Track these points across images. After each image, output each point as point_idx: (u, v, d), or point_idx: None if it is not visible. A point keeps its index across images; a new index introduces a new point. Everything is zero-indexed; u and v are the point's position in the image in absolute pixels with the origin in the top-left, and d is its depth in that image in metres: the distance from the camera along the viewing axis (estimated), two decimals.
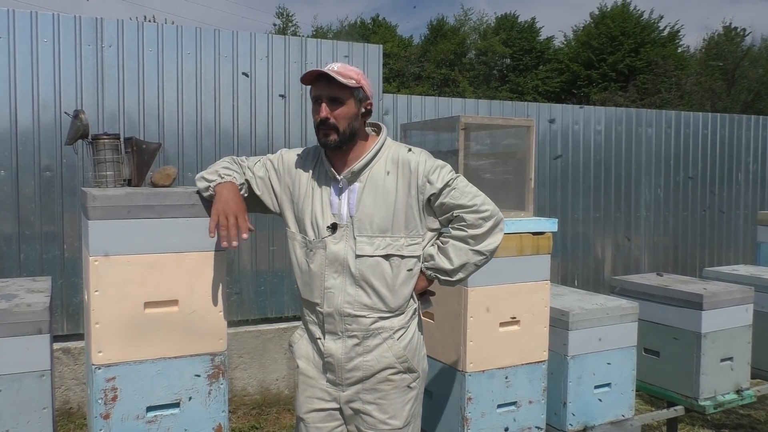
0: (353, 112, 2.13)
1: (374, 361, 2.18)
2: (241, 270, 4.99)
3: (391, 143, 2.26)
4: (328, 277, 2.16)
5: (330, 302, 2.17)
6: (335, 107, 2.11)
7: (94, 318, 2.19)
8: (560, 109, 6.57)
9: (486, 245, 2.21)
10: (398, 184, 2.16)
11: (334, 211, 2.17)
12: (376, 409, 2.21)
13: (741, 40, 26.82)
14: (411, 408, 2.26)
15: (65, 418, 4.32)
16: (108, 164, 2.48)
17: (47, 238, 4.44)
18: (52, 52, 4.38)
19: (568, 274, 6.63)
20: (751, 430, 4.50)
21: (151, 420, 2.28)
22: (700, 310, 3.49)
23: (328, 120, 2.11)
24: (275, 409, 4.77)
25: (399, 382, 2.22)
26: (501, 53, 31.58)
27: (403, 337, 2.21)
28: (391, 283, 2.16)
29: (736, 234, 7.64)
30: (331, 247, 2.15)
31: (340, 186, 2.18)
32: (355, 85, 2.11)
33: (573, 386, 3.09)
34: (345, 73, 2.10)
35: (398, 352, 2.19)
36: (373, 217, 2.13)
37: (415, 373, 2.25)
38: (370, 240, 2.13)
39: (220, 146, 4.88)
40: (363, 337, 2.17)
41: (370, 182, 2.16)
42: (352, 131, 2.14)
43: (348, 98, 2.11)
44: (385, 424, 2.21)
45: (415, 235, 2.19)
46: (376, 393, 2.21)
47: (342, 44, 5.37)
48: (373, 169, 2.18)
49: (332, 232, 2.15)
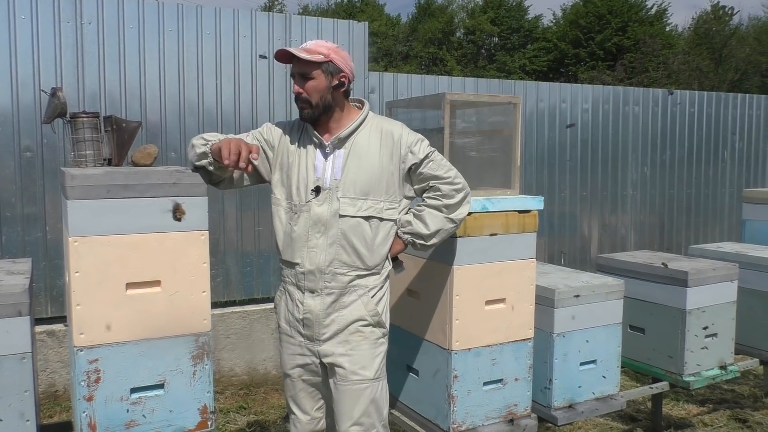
0: (323, 85, 2.29)
1: (348, 314, 2.36)
2: (226, 251, 4.96)
3: (374, 116, 2.44)
4: (311, 237, 2.33)
5: (312, 260, 2.33)
6: (305, 82, 2.30)
7: (75, 299, 2.16)
8: (547, 88, 6.53)
9: (457, 214, 2.43)
10: (381, 151, 2.35)
11: (318, 174, 2.33)
12: (348, 361, 2.36)
13: (728, 19, 26.83)
14: (381, 362, 2.43)
15: (51, 401, 4.30)
16: (87, 143, 2.44)
17: (29, 220, 4.38)
18: (30, 30, 4.29)
19: (554, 252, 6.65)
20: (735, 404, 4.56)
21: (135, 401, 2.27)
22: (685, 287, 3.51)
23: (301, 94, 2.31)
24: (263, 389, 4.77)
25: (369, 335, 2.38)
26: (489, 32, 31.42)
27: (376, 295, 2.40)
28: (370, 243, 2.35)
29: (722, 212, 7.69)
30: (314, 209, 2.32)
31: (327, 151, 2.34)
32: (323, 59, 2.27)
33: (559, 363, 3.10)
34: (313, 49, 2.28)
35: (371, 306, 2.38)
36: (356, 181, 2.31)
37: (384, 329, 2.44)
38: (353, 202, 2.31)
39: (203, 125, 4.81)
40: (340, 294, 2.35)
41: (355, 149, 2.34)
42: (325, 104, 2.31)
43: (316, 73, 2.28)
44: (356, 374, 2.36)
45: (393, 200, 2.39)
46: (347, 345, 2.37)
47: (327, 21, 5.29)
48: (357, 138, 2.36)
49: (316, 195, 2.32)
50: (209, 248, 2.37)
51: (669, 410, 4.38)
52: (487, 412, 2.85)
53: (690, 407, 4.49)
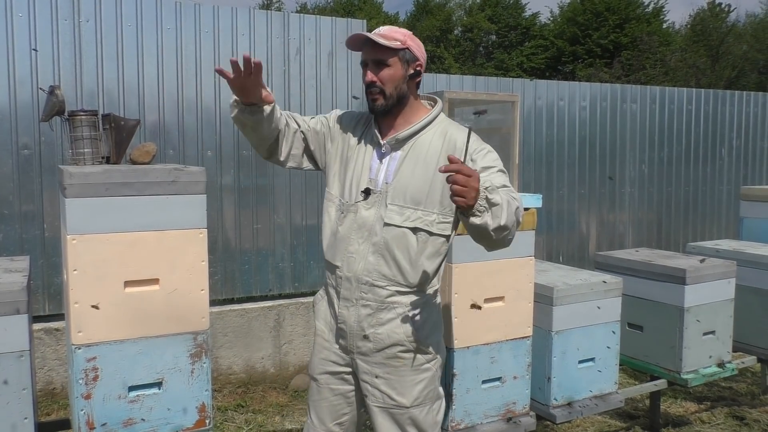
0: (399, 74, 2.11)
1: (384, 336, 2.15)
2: (225, 248, 4.95)
3: (444, 119, 2.23)
4: (353, 242, 2.14)
5: (350, 267, 2.14)
6: (380, 70, 2.09)
7: (73, 297, 2.16)
8: (545, 85, 6.54)
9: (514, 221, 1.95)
10: (440, 158, 2.09)
11: (372, 175, 2.14)
12: (384, 384, 2.18)
13: (725, 16, 26.84)
14: (423, 389, 2.20)
15: (49, 399, 4.29)
16: (85, 141, 2.44)
17: (27, 218, 4.37)
18: (27, 27, 4.28)
19: (553, 250, 6.65)
20: (733, 402, 4.57)
21: (134, 399, 2.27)
22: (683, 284, 3.51)
23: (374, 83, 2.10)
24: (261, 387, 4.77)
25: (409, 361, 2.17)
26: (487, 29, 31.40)
27: (418, 316, 2.16)
28: (414, 257, 2.12)
29: (720, 209, 7.70)
30: (362, 212, 2.13)
31: (382, 151, 2.16)
32: (400, 46, 2.09)
33: (557, 361, 3.10)
34: (389, 35, 2.09)
35: (409, 330, 2.15)
36: (408, 187, 2.09)
37: (429, 355, 2.20)
38: (401, 210, 2.10)
39: (202, 123, 4.81)
40: (377, 308, 2.14)
41: (413, 152, 2.13)
42: (400, 94, 2.13)
43: (393, 60, 2.09)
44: (392, 400, 2.18)
45: (449, 213, 2.12)
46: (385, 368, 2.17)
47: (326, 20, 5.28)
48: (419, 140, 2.15)
49: (365, 197, 2.13)
50: (207, 246, 2.36)
51: (667, 408, 4.39)
52: (486, 410, 2.86)
53: (688, 405, 4.50)
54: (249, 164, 4.99)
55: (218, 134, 4.88)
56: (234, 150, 4.93)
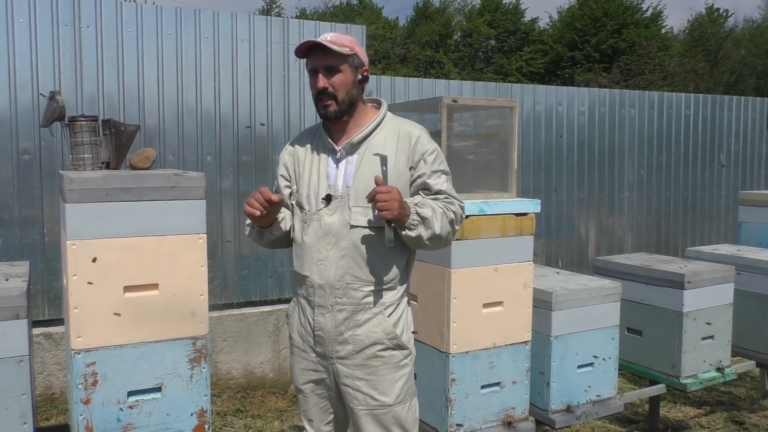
0: (350, 79, 2.14)
1: (363, 336, 2.17)
2: (224, 253, 4.96)
3: (392, 117, 2.27)
4: (321, 249, 2.16)
5: (322, 274, 2.16)
6: (332, 76, 2.11)
7: (73, 302, 2.16)
8: (544, 91, 6.55)
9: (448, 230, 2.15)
10: (398, 155, 2.15)
11: (330, 182, 2.17)
12: (366, 385, 2.20)
13: (724, 21, 26.92)
14: (403, 386, 2.23)
15: (48, 404, 4.29)
16: (85, 147, 2.45)
17: (26, 223, 4.38)
18: (28, 33, 4.29)
19: (551, 255, 6.66)
20: (732, 407, 4.57)
21: (133, 405, 2.27)
22: (681, 289, 3.52)
23: (327, 89, 2.12)
24: (260, 392, 4.77)
25: (388, 359, 2.20)
26: (486, 35, 31.47)
27: (393, 313, 2.20)
28: (384, 254, 2.15)
29: (718, 214, 7.71)
30: (325, 218, 2.15)
31: (338, 156, 2.18)
32: (350, 52, 2.12)
33: (556, 366, 3.11)
34: (339, 42, 2.12)
35: (387, 328, 2.18)
36: (369, 187, 2.08)
37: (406, 350, 2.24)
38: (365, 211, 2.12)
39: (201, 128, 4.82)
40: (353, 311, 2.16)
41: (369, 153, 2.16)
42: (351, 99, 2.15)
43: (344, 66, 2.12)
44: (375, 400, 2.20)
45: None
46: (365, 369, 2.19)
47: (325, 25, 5.30)
48: (372, 141, 2.18)
49: (327, 203, 2.15)
50: (207, 251, 2.36)
51: (666, 412, 4.39)
52: (485, 415, 2.86)
53: (687, 409, 4.50)
54: (248, 169, 5.00)
55: (218, 139, 4.88)
56: (233, 155, 4.94)
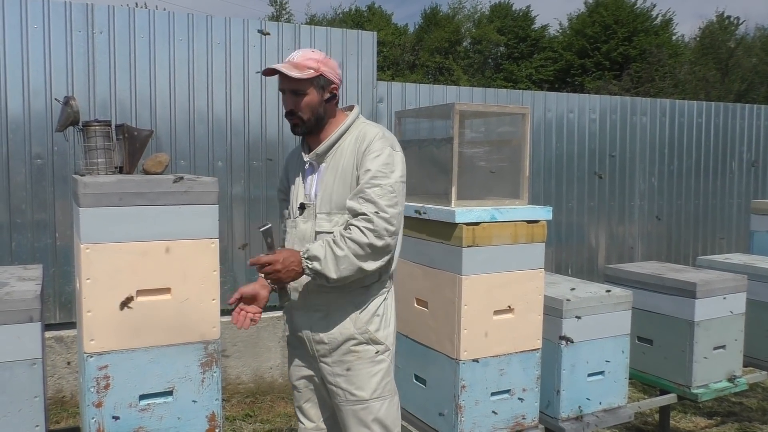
0: (316, 100, 2.23)
1: (337, 333, 2.28)
2: (234, 258, 4.97)
3: (362, 122, 2.33)
4: None
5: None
6: (298, 99, 2.22)
7: (86, 306, 2.17)
8: (555, 98, 6.55)
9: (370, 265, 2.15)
10: (355, 159, 2.24)
11: (306, 191, 2.32)
12: (344, 381, 2.30)
13: (734, 29, 26.82)
14: (380, 381, 2.31)
15: (58, 407, 4.31)
16: (99, 151, 2.46)
17: (39, 226, 4.41)
18: (42, 39, 4.33)
19: (562, 262, 6.64)
20: (743, 418, 4.53)
21: (144, 408, 2.27)
22: (693, 298, 3.50)
23: (293, 110, 2.24)
24: (269, 397, 4.77)
25: (363, 353, 2.29)
26: (495, 41, 31.49)
27: (366, 310, 2.29)
28: None
29: (730, 223, 7.66)
30: (300, 225, 2.31)
31: (307, 167, 2.33)
32: (314, 74, 2.20)
33: (567, 374, 3.09)
34: (302, 64, 2.20)
35: (360, 324, 2.28)
36: (332, 194, 2.24)
37: (381, 345, 2.31)
38: (329, 217, 2.25)
39: (213, 134, 4.84)
40: (327, 311, 2.28)
41: (333, 161, 2.27)
42: (317, 117, 2.26)
43: (308, 89, 2.21)
44: (352, 395, 2.30)
45: None
46: (343, 365, 2.30)
47: (336, 31, 5.32)
48: (338, 149, 2.28)
49: (301, 212, 2.31)
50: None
51: (676, 422, 4.36)
52: (495, 423, 2.85)
53: (698, 420, 4.47)
54: (259, 175, 5.01)
55: (229, 145, 4.91)
56: (244, 160, 4.96)
